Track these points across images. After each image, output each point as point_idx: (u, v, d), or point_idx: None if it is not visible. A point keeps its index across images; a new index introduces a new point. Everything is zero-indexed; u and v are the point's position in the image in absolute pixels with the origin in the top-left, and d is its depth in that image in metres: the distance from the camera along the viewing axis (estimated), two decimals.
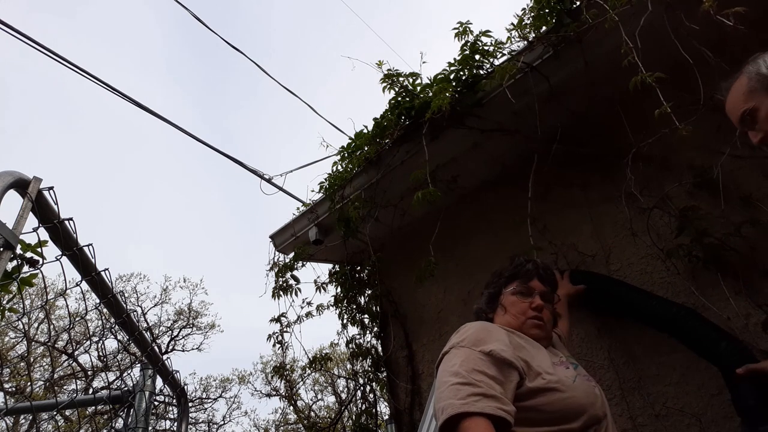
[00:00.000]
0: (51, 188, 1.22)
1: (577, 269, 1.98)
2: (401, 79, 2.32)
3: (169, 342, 14.88)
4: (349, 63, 2.90)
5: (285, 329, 2.71)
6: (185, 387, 2.03)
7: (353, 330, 2.75)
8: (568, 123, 2.00)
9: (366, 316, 2.75)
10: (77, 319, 10.17)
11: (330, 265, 3.01)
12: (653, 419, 1.69)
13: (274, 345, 2.69)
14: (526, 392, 1.13)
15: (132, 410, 1.74)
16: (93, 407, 2.02)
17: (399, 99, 2.28)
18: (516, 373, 1.15)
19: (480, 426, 1.01)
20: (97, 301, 1.55)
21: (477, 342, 1.20)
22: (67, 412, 10.67)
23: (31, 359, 12.36)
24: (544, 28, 1.91)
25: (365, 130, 2.51)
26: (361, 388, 2.68)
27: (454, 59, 2.13)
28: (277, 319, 2.71)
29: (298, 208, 2.92)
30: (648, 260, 1.84)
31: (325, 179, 2.67)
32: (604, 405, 1.23)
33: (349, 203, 2.44)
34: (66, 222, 1.29)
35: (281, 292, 2.70)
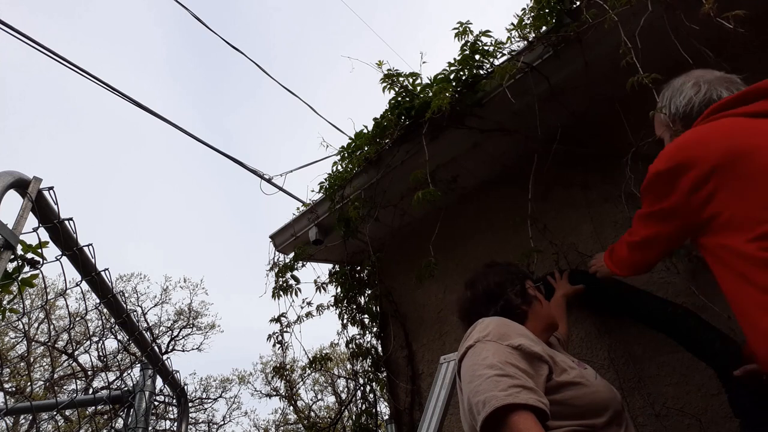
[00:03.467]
0: (51, 188, 1.22)
1: (577, 269, 1.98)
2: (401, 79, 2.32)
3: (169, 342, 14.89)
4: (349, 63, 2.90)
5: (285, 329, 2.71)
6: (185, 387, 2.03)
7: (353, 330, 2.75)
8: (568, 123, 2.00)
9: (366, 316, 2.75)
10: (77, 319, 10.18)
11: (330, 265, 3.01)
12: (653, 419, 1.69)
13: (274, 345, 2.69)
14: (555, 386, 1.13)
15: (132, 410, 1.74)
16: (93, 407, 2.02)
17: (399, 99, 2.28)
18: (546, 367, 1.14)
19: (528, 419, 0.99)
20: (97, 301, 1.55)
21: (502, 336, 1.18)
22: (67, 412, 10.68)
23: (31, 359, 12.36)
24: (544, 28, 1.91)
25: (365, 130, 2.51)
26: (361, 388, 2.68)
27: (454, 59, 2.13)
28: (277, 319, 2.71)
29: (298, 208, 2.92)
30: None
31: (325, 179, 2.66)
32: (622, 400, 1.25)
33: (349, 203, 2.43)
34: (66, 222, 1.29)
35: (281, 292, 2.70)
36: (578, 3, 1.83)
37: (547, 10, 1.87)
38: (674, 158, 1.14)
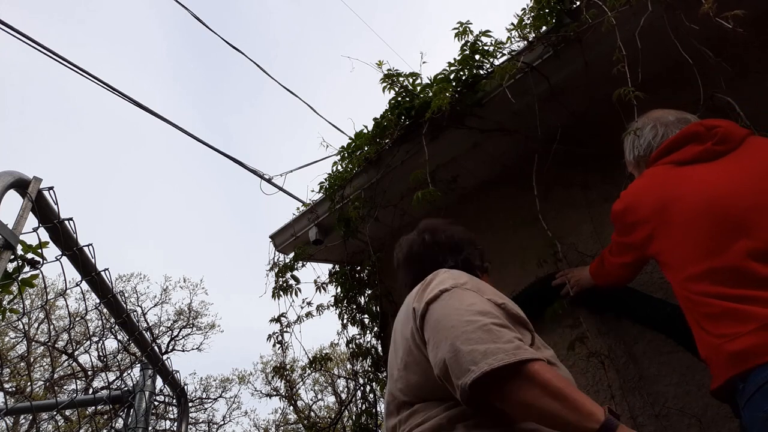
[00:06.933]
0: (51, 188, 1.22)
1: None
2: (401, 79, 2.32)
3: (169, 342, 14.87)
4: (349, 63, 2.90)
5: (285, 329, 2.71)
6: (185, 387, 2.03)
7: (353, 330, 2.75)
8: (568, 123, 2.00)
9: (366, 316, 2.75)
10: (77, 319, 10.18)
11: (330, 265, 3.01)
12: (653, 419, 1.69)
13: (274, 345, 2.69)
14: None
15: (132, 410, 1.74)
16: (93, 407, 2.03)
17: (399, 99, 2.28)
18: (529, 335, 1.04)
19: (548, 366, 0.88)
20: (97, 301, 1.56)
21: (480, 290, 1.04)
22: (67, 412, 10.67)
23: (31, 359, 12.36)
24: (544, 28, 1.91)
25: (365, 130, 2.51)
26: (361, 388, 2.67)
27: (454, 59, 2.13)
28: (277, 319, 2.71)
29: (298, 208, 2.92)
30: None
31: (325, 179, 2.66)
32: None
33: (349, 203, 2.43)
34: (66, 222, 1.29)
35: (281, 292, 2.70)
36: (578, 3, 1.83)
37: (547, 10, 1.87)
38: (624, 201, 1.35)
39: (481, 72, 2.09)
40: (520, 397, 0.86)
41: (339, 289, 2.78)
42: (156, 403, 1.88)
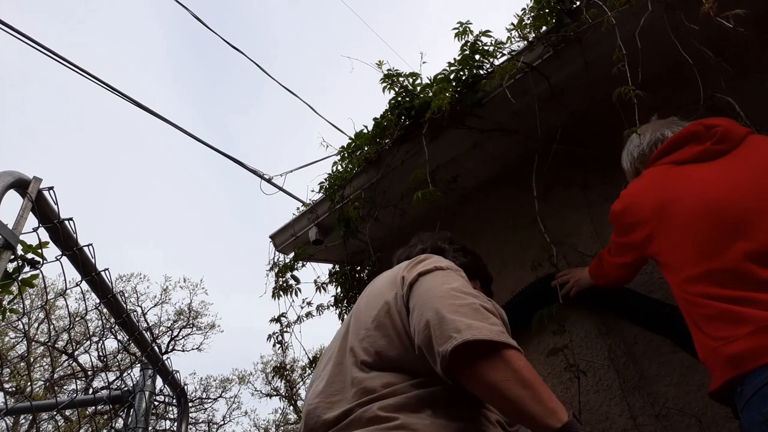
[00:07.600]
0: (51, 188, 1.22)
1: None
2: (401, 79, 2.32)
3: (169, 342, 14.88)
4: (349, 63, 2.90)
5: (285, 329, 2.70)
6: (185, 387, 2.03)
7: None
8: (568, 123, 2.00)
9: None
10: (77, 319, 10.18)
11: (330, 265, 3.00)
12: (653, 419, 1.69)
13: (274, 345, 2.68)
14: None
15: (132, 410, 1.74)
16: (93, 407, 2.03)
17: (399, 99, 2.28)
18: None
19: (524, 358, 0.87)
20: (97, 301, 1.56)
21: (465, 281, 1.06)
22: (67, 412, 10.67)
23: (31, 359, 12.36)
24: (544, 28, 1.91)
25: (365, 130, 2.51)
26: None
27: (454, 59, 2.13)
28: (277, 319, 2.71)
29: (298, 208, 2.92)
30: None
31: (325, 179, 2.66)
32: None
33: (349, 203, 2.43)
34: (66, 222, 1.29)
35: (281, 292, 2.70)
36: (578, 3, 1.83)
37: (547, 10, 1.87)
38: (623, 201, 1.34)
39: (481, 72, 2.09)
40: (489, 376, 0.84)
41: (339, 289, 2.77)
42: (156, 403, 1.88)
